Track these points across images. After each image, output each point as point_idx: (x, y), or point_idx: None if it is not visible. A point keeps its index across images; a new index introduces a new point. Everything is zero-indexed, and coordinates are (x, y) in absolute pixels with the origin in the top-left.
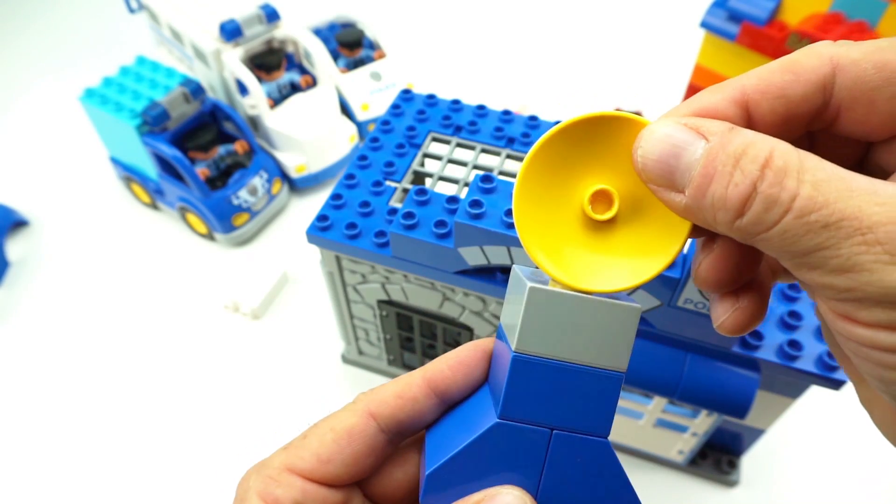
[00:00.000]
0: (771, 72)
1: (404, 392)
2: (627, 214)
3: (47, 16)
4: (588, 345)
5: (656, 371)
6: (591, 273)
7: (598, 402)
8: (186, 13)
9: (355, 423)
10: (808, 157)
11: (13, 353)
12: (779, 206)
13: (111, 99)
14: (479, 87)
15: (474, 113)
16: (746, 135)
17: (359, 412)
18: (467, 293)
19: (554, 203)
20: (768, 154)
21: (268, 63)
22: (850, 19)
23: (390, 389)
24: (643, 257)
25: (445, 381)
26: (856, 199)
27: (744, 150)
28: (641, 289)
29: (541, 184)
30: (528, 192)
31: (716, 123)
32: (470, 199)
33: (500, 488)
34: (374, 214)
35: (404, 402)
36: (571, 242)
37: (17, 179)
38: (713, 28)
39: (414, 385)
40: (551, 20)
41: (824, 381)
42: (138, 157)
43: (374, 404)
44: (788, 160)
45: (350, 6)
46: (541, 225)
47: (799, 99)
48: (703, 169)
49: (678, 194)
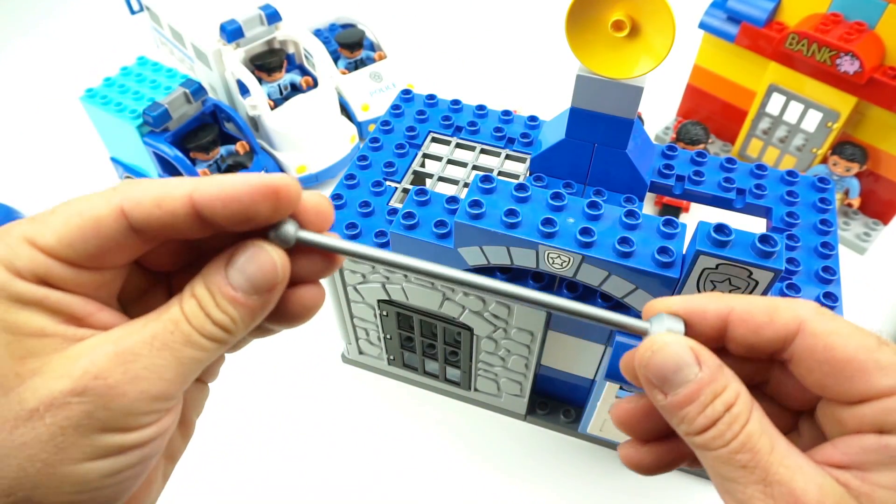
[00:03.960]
0: (756, 307)
1: (165, 202)
2: (634, 35)
3: (49, 16)
4: (614, 104)
5: None
6: (613, 68)
7: (619, 132)
8: (187, 14)
9: (105, 217)
10: (756, 409)
11: None
12: (722, 440)
13: (112, 99)
14: (479, 87)
15: (474, 113)
16: (727, 377)
17: (112, 205)
18: (467, 293)
19: (590, 29)
20: (733, 399)
21: (268, 64)
22: (849, 20)
23: (153, 191)
24: (644, 61)
25: (212, 211)
26: (773, 456)
27: (722, 389)
28: (641, 289)
29: (581, 17)
30: (573, 24)
31: (711, 358)
32: (470, 200)
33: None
34: (374, 214)
35: (162, 213)
36: (601, 51)
37: (17, 179)
38: (712, 29)
39: (178, 198)
40: (551, 20)
41: None
42: (139, 158)
43: (130, 203)
44: (742, 408)
45: (350, 7)
46: (584, 43)
47: (765, 340)
48: (690, 392)
49: (661, 394)
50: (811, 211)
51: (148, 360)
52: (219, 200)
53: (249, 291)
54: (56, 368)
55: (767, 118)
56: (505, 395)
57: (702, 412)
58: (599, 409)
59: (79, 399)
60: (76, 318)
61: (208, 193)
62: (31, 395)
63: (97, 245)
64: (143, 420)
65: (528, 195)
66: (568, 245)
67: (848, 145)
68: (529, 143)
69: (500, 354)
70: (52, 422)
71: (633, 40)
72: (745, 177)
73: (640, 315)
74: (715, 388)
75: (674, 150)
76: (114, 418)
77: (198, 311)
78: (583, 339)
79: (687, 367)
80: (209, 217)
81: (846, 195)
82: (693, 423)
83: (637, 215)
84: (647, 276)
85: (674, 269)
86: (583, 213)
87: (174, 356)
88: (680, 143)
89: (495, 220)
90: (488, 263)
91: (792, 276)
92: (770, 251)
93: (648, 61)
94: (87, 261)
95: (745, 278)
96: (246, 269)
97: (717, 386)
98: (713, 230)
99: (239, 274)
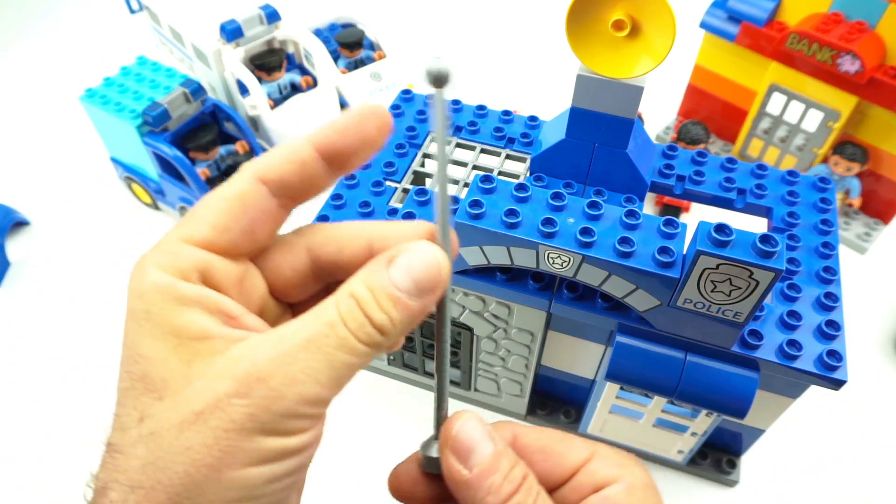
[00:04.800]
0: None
1: (292, 156)
2: (634, 35)
3: (48, 16)
4: (614, 103)
5: (655, 371)
6: (614, 68)
7: (619, 131)
8: (187, 14)
9: (246, 189)
10: None
11: (13, 353)
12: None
13: (112, 99)
14: (479, 87)
15: (474, 113)
16: (510, 451)
17: (247, 179)
18: (467, 293)
19: (590, 29)
20: (526, 469)
21: (268, 63)
22: (849, 19)
23: (278, 153)
24: (644, 61)
25: (333, 146)
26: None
27: (516, 461)
28: (641, 289)
29: (581, 17)
30: (573, 23)
31: (498, 434)
32: (470, 200)
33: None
34: (374, 214)
35: (293, 165)
36: (602, 50)
37: (17, 179)
38: (713, 28)
39: (302, 150)
40: (552, 20)
41: (824, 381)
42: (139, 158)
43: (261, 170)
44: (533, 478)
45: (350, 7)
46: (584, 43)
47: None
48: (492, 462)
49: (465, 469)
50: (812, 211)
51: (304, 363)
52: (335, 133)
53: (413, 292)
54: (219, 370)
55: (768, 118)
56: (505, 395)
57: (505, 479)
58: (600, 410)
59: (242, 401)
60: (231, 317)
61: (323, 133)
62: (197, 398)
63: (248, 219)
64: (300, 424)
65: (528, 195)
66: (568, 245)
67: (849, 145)
68: (529, 142)
69: (501, 355)
70: (216, 425)
71: (633, 40)
72: (746, 177)
73: (641, 314)
74: (511, 458)
75: (674, 150)
76: (274, 421)
77: (356, 312)
78: (582, 340)
79: (486, 440)
80: (333, 153)
81: (847, 195)
82: (500, 492)
83: (637, 215)
84: (647, 276)
85: (674, 269)
86: (583, 213)
87: (327, 360)
88: (681, 143)
89: (495, 220)
90: (488, 263)
91: (792, 276)
92: (771, 251)
93: (649, 61)
94: (243, 239)
95: (746, 278)
96: (412, 267)
97: (512, 456)
98: (714, 230)
99: (404, 273)
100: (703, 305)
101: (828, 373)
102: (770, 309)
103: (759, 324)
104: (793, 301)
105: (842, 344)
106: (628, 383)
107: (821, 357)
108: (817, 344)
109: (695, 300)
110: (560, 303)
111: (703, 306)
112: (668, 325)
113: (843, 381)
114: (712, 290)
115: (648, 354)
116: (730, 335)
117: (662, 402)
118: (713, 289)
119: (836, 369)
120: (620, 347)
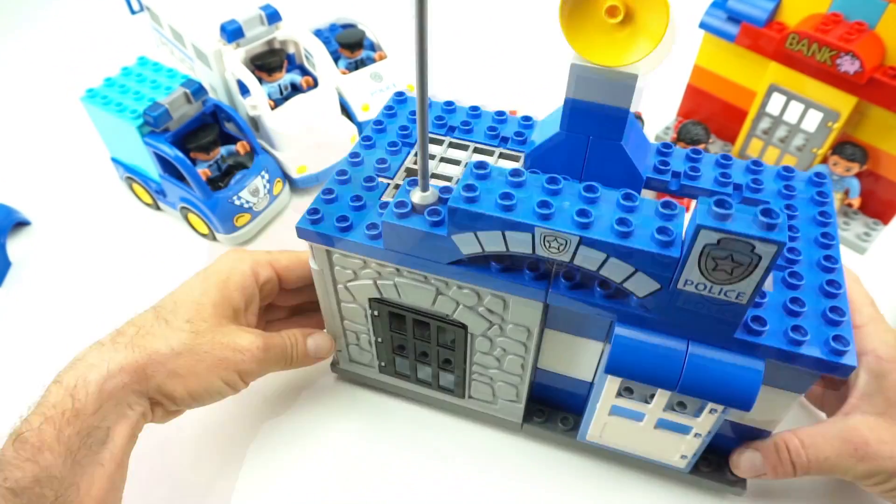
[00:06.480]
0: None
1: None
2: (628, 21)
3: (49, 16)
4: (609, 93)
5: (656, 363)
6: (608, 55)
7: (614, 123)
8: (187, 14)
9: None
10: None
11: (13, 353)
12: None
13: (112, 99)
14: (478, 88)
15: (468, 114)
16: None
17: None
18: (461, 286)
19: (584, 16)
20: None
21: (269, 64)
22: (849, 20)
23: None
24: (638, 47)
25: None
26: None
27: None
28: (640, 272)
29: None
30: (567, 10)
31: None
32: (464, 184)
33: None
34: (366, 208)
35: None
36: (595, 38)
37: (18, 179)
38: (712, 29)
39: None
40: (550, 21)
41: (832, 368)
42: (140, 158)
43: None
44: None
45: (351, 7)
46: (578, 31)
47: None
48: None
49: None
50: (809, 204)
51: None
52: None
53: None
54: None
55: (768, 118)
56: (500, 401)
57: None
58: (599, 412)
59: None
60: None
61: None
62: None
63: (298, 276)
64: None
65: (523, 180)
66: (565, 226)
67: (848, 145)
68: (523, 141)
69: (496, 354)
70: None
71: (626, 26)
72: (742, 173)
73: (640, 301)
74: None
75: (669, 148)
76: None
77: (287, 344)
78: (580, 338)
79: None
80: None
81: (846, 195)
82: None
83: (634, 198)
84: (646, 256)
85: (674, 248)
86: (579, 195)
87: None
88: (680, 143)
89: (490, 203)
90: (483, 251)
91: (793, 265)
92: (773, 223)
93: (642, 48)
94: (287, 282)
95: (748, 253)
96: (320, 344)
97: None
98: (714, 204)
99: (314, 343)
100: (704, 287)
101: (836, 358)
102: (772, 296)
103: (762, 310)
104: (795, 289)
105: (848, 329)
106: (629, 377)
107: (827, 342)
108: (823, 329)
109: (696, 281)
110: (557, 291)
111: (705, 287)
112: (668, 312)
113: (853, 367)
114: (714, 269)
115: (649, 345)
116: (732, 320)
117: (663, 401)
118: (714, 267)
119: (843, 354)
120: (620, 339)
